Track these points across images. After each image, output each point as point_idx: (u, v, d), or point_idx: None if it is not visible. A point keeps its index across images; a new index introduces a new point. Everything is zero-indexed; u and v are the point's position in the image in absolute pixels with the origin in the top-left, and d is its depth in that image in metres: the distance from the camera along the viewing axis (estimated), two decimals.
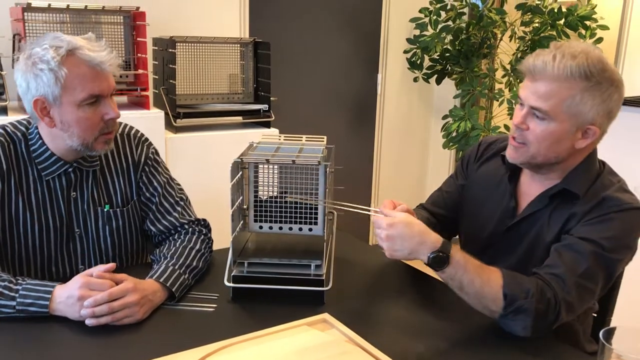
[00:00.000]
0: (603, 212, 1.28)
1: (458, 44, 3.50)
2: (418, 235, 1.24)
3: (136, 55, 2.67)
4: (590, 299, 1.29)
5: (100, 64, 1.35)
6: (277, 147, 1.50)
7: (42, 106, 1.37)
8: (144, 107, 2.66)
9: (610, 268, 1.27)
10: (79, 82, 1.34)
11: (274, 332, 1.22)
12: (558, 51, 1.26)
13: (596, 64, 1.24)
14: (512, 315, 1.21)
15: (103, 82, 1.38)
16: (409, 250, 1.24)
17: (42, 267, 1.50)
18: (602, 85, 1.25)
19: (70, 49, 1.34)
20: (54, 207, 1.48)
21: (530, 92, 1.29)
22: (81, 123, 1.38)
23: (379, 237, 1.27)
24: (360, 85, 3.87)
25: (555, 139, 1.29)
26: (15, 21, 2.40)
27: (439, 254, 1.22)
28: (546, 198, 1.36)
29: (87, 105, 1.37)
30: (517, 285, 1.22)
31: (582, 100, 1.25)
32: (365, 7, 3.76)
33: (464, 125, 3.34)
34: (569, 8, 3.29)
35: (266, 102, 2.91)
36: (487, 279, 1.23)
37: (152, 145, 1.64)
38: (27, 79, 1.35)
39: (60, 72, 1.32)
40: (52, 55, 1.32)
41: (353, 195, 3.91)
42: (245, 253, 1.45)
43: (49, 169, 1.45)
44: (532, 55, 1.30)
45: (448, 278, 1.25)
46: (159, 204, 1.59)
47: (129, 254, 1.61)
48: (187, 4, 3.04)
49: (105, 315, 1.24)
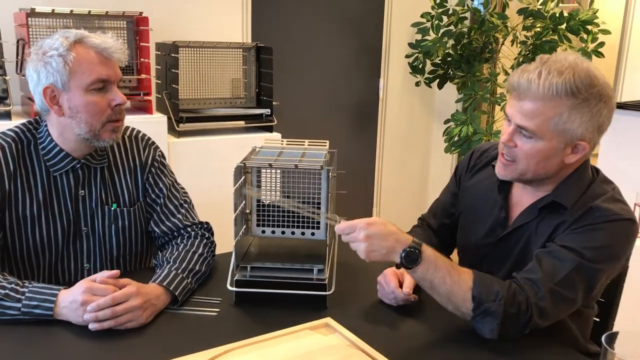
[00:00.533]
0: (589, 222, 1.26)
1: (460, 48, 3.51)
2: (394, 233, 1.22)
3: (139, 60, 2.68)
4: (567, 307, 1.27)
5: (107, 49, 1.41)
6: (279, 151, 1.50)
7: (51, 94, 1.41)
8: (147, 111, 2.67)
9: (591, 278, 1.25)
10: (86, 66, 1.39)
11: (276, 336, 1.23)
12: (544, 67, 1.22)
13: (584, 80, 1.20)
14: (480, 317, 1.22)
15: (110, 68, 1.42)
16: (386, 249, 1.21)
17: (50, 265, 1.51)
18: (591, 101, 1.21)
19: (79, 37, 1.40)
20: (62, 205, 1.50)
21: (516, 111, 1.26)
22: (89, 108, 1.41)
23: (355, 239, 1.22)
24: (362, 90, 3.88)
25: (544, 156, 1.27)
26: (19, 26, 2.42)
27: (410, 249, 1.20)
28: (536, 210, 1.35)
29: (94, 90, 1.41)
30: (486, 287, 1.22)
31: (570, 118, 1.22)
32: (367, 11, 3.77)
33: (466, 129, 3.35)
34: (571, 13, 3.30)
35: (268, 106, 2.92)
36: (457, 280, 1.22)
37: (158, 148, 1.66)
38: (37, 69, 1.40)
39: (69, 57, 1.37)
40: (61, 42, 1.38)
41: (355, 200, 3.93)
42: (248, 257, 1.46)
43: (57, 165, 1.47)
44: (517, 71, 1.26)
45: (419, 277, 1.24)
46: (163, 205, 1.60)
47: (132, 255, 1.61)
48: (189, 9, 3.06)
49: (109, 319, 1.24)
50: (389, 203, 4.10)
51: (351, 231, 1.22)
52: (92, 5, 2.57)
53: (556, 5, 3.35)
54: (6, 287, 1.27)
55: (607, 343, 0.98)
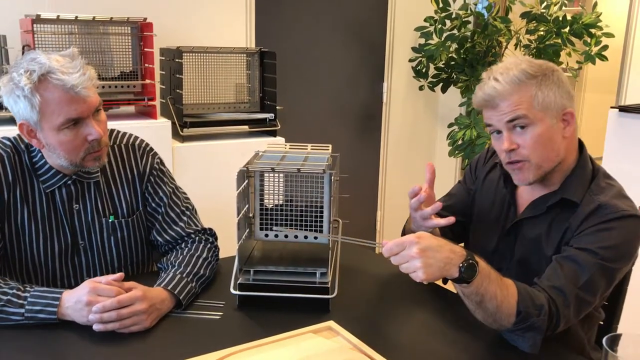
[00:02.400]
0: (601, 220, 1.27)
1: (463, 52, 3.51)
2: (445, 243, 1.14)
3: (143, 66, 2.70)
4: (586, 310, 1.28)
5: (74, 87, 1.31)
6: (282, 155, 1.51)
7: (27, 129, 1.38)
8: (151, 116, 2.68)
9: (610, 278, 1.27)
10: (54, 108, 1.33)
11: (279, 339, 1.23)
12: (495, 74, 1.30)
13: (529, 64, 1.30)
14: (521, 332, 1.19)
15: (80, 105, 1.34)
16: (443, 262, 1.11)
17: (48, 279, 1.51)
18: (548, 75, 1.30)
19: (42, 73, 1.31)
20: (57, 219, 1.49)
21: (499, 114, 1.30)
22: (64, 146, 1.37)
23: (408, 257, 1.11)
24: (365, 94, 3.89)
25: (547, 138, 1.30)
26: (25, 32, 2.43)
27: (469, 262, 1.12)
28: (544, 206, 1.36)
29: (67, 129, 1.35)
30: (531, 301, 1.19)
31: (544, 92, 1.28)
32: (371, 16, 3.78)
33: (470, 133, 3.35)
34: (574, 16, 3.30)
35: (272, 111, 2.93)
36: (506, 294, 1.17)
37: (157, 155, 1.64)
38: (10, 103, 1.36)
39: (34, 100, 1.31)
40: (24, 82, 1.30)
41: (359, 203, 3.93)
42: (251, 261, 1.46)
43: (49, 181, 1.46)
44: (477, 89, 1.34)
45: (471, 292, 1.16)
46: (165, 214, 1.59)
47: (134, 264, 1.61)
48: (193, 14, 3.07)
49: (113, 321, 1.25)
50: (393, 207, 4.10)
51: (400, 249, 1.12)
52: (97, 11, 2.59)
53: (559, 9, 3.35)
54: (8, 293, 1.28)
55: (609, 345, 0.98)
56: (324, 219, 1.45)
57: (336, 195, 1.49)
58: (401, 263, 1.12)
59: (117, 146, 1.58)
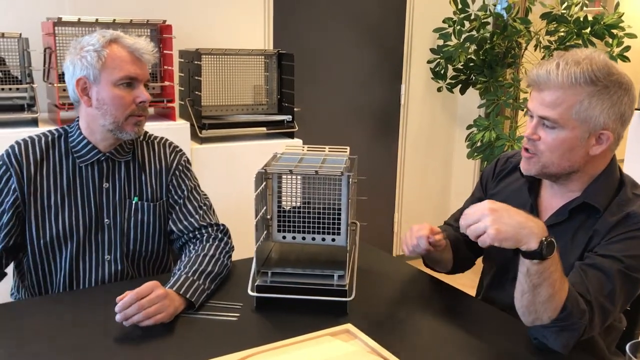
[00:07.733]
0: (629, 229, 1.24)
1: (482, 53, 3.48)
2: (524, 212, 1.12)
3: (163, 68, 2.72)
4: (609, 320, 1.25)
5: (139, 49, 1.52)
6: (300, 157, 1.51)
7: (83, 86, 1.51)
8: (170, 118, 2.71)
9: (632, 288, 1.24)
10: (118, 63, 1.50)
11: (297, 342, 1.23)
12: (561, 59, 1.25)
13: (602, 68, 1.22)
14: (557, 329, 1.17)
15: (139, 67, 1.53)
16: (519, 225, 1.08)
17: (71, 255, 1.56)
18: (610, 89, 1.23)
19: (115, 37, 1.52)
20: (84, 196, 1.57)
21: (538, 103, 1.28)
22: (115, 101, 1.50)
23: (481, 214, 1.09)
24: (383, 96, 3.87)
25: (568, 147, 1.27)
26: (47, 35, 2.47)
27: (550, 239, 1.08)
28: (566, 211, 1.34)
29: (122, 85, 1.50)
30: (577, 303, 1.16)
31: (591, 105, 1.23)
32: (389, 17, 3.76)
33: (489, 135, 3.32)
34: (596, 17, 3.26)
35: (290, 113, 2.93)
36: (562, 287, 1.14)
37: (185, 155, 1.73)
38: (73, 62, 1.51)
39: (103, 52, 1.49)
40: (97, 39, 1.50)
41: (377, 206, 3.92)
42: (268, 263, 1.46)
43: (84, 156, 1.56)
44: (536, 65, 1.29)
45: (537, 272, 1.11)
46: (182, 205, 1.66)
47: (150, 252, 1.65)
48: (212, 16, 3.09)
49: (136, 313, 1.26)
50: (411, 209, 4.08)
51: (472, 212, 1.13)
52: (117, 14, 2.62)
53: (580, 9, 3.31)
54: None
55: (632, 352, 0.96)
56: (342, 222, 1.45)
57: (354, 198, 1.49)
58: (470, 224, 1.12)
59: (150, 141, 1.69)
